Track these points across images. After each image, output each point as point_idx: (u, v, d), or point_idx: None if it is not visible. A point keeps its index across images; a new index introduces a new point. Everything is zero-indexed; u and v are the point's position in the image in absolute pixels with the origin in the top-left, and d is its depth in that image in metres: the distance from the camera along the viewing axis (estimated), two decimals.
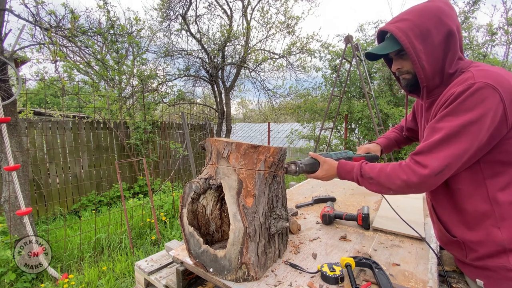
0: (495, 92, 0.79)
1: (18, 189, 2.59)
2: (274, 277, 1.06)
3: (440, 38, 0.91)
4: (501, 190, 0.87)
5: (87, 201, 4.93)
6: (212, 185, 1.12)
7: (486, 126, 0.80)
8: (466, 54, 6.12)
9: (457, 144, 0.83)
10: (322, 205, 1.86)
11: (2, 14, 2.68)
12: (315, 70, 7.91)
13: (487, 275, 0.91)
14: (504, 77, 0.82)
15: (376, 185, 1.01)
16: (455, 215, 0.98)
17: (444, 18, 0.90)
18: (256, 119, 20.64)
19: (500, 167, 0.87)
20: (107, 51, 5.84)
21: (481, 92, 0.80)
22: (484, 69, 0.86)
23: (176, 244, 1.45)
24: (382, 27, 1.02)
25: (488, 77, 0.81)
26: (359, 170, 1.06)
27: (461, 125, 0.82)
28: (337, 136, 7.51)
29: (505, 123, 0.81)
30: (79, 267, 2.91)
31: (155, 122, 6.17)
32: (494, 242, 0.88)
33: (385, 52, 1.00)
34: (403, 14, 0.97)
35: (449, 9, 0.93)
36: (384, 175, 0.98)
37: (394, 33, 0.95)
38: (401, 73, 1.05)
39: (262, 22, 7.99)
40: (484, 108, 0.79)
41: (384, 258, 1.16)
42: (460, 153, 0.83)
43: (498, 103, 0.79)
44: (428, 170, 0.87)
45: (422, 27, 0.91)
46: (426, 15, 0.92)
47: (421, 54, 0.92)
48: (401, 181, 0.92)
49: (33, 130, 4.47)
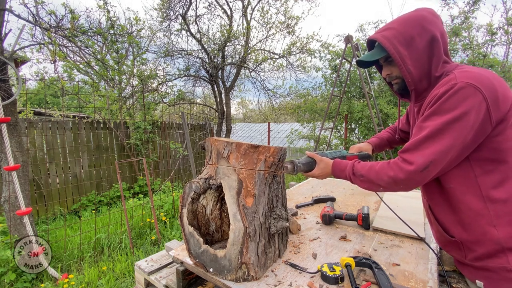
0: (477, 91, 0.82)
1: (18, 189, 2.59)
2: (274, 277, 1.06)
3: (424, 44, 0.97)
4: (493, 188, 0.88)
5: (87, 201, 4.93)
6: (212, 185, 1.12)
7: (469, 123, 0.83)
8: (466, 54, 6.12)
9: (441, 141, 0.86)
10: (322, 205, 1.86)
11: (2, 14, 2.67)
12: (315, 70, 7.90)
13: (487, 276, 0.91)
14: (487, 77, 0.85)
15: (367, 182, 1.05)
16: (451, 215, 0.99)
17: (426, 25, 0.96)
18: (256, 119, 20.64)
19: (490, 165, 0.89)
20: (107, 51, 5.83)
21: (463, 91, 0.84)
22: (467, 70, 0.90)
23: (176, 244, 1.45)
24: (370, 37, 1.09)
25: (470, 78, 0.85)
26: (352, 169, 1.10)
27: (444, 123, 0.86)
28: (337, 136, 7.51)
29: (489, 121, 0.84)
30: (79, 267, 2.91)
31: (155, 122, 6.17)
32: (491, 241, 0.88)
33: (373, 58, 1.07)
34: (389, 24, 1.04)
35: (432, 16, 0.99)
36: (374, 172, 1.02)
37: (379, 41, 1.02)
38: (391, 79, 1.12)
39: (262, 22, 7.99)
40: (466, 107, 0.83)
41: (384, 258, 1.16)
42: (444, 149, 0.86)
43: (480, 102, 0.82)
44: (414, 166, 0.90)
45: (406, 35, 0.98)
46: (409, 23, 0.98)
47: (407, 59, 0.99)
48: (389, 178, 0.96)
49: (33, 130, 4.47)
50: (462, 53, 6.15)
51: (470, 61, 5.58)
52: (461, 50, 6.12)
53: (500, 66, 5.59)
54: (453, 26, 6.36)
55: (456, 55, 6.05)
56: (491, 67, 5.45)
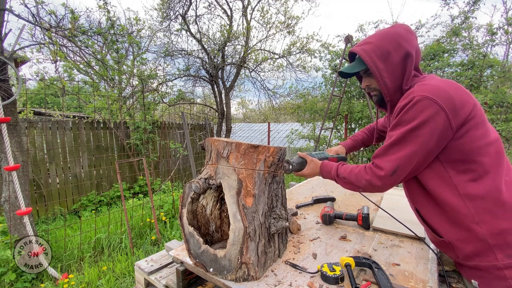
0: (432, 102, 0.90)
1: (18, 189, 2.59)
2: (274, 277, 1.06)
3: (399, 59, 1.05)
4: (469, 186, 0.93)
5: (87, 201, 4.93)
6: (212, 185, 1.12)
7: (428, 131, 0.92)
8: (466, 54, 6.11)
9: (404, 148, 0.96)
10: (322, 205, 1.86)
11: (2, 14, 2.67)
12: (315, 70, 7.89)
13: (480, 275, 0.93)
14: (442, 88, 0.92)
15: (349, 184, 1.15)
16: (436, 216, 1.02)
17: (402, 42, 1.04)
18: (256, 119, 20.64)
19: (462, 165, 0.94)
20: (107, 51, 5.83)
21: (419, 104, 0.92)
22: (425, 83, 0.98)
23: (176, 244, 1.45)
24: (351, 49, 1.17)
25: (426, 91, 0.93)
26: (336, 171, 1.20)
27: (406, 131, 0.95)
28: (337, 136, 7.51)
29: (449, 127, 0.91)
30: (79, 267, 2.91)
31: (155, 122, 6.17)
32: (477, 238, 0.91)
33: (353, 71, 1.15)
34: (368, 38, 1.12)
35: (407, 33, 1.06)
36: (354, 175, 1.12)
37: (359, 54, 1.10)
38: (370, 89, 1.20)
39: (262, 22, 7.99)
40: (423, 117, 0.91)
41: (384, 258, 1.16)
42: (407, 155, 0.96)
43: (436, 111, 0.90)
44: (384, 171, 1.01)
45: (383, 49, 1.06)
46: (387, 38, 1.06)
47: (383, 73, 1.07)
48: (366, 181, 1.06)
49: (33, 130, 4.46)
50: (462, 53, 6.15)
51: (470, 61, 5.57)
52: (461, 50, 6.12)
53: (500, 66, 5.59)
54: (453, 26, 6.36)
55: (456, 55, 6.05)
56: (491, 67, 5.45)
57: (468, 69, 5.51)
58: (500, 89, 5.08)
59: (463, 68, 5.57)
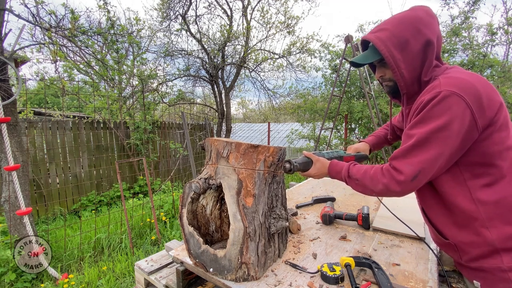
0: (460, 99, 0.82)
1: (18, 189, 2.59)
2: (274, 277, 1.06)
3: (419, 47, 0.94)
4: (483, 190, 0.88)
5: (87, 201, 4.93)
6: (212, 185, 1.12)
7: (454, 132, 0.83)
8: (466, 54, 6.11)
9: (428, 150, 0.87)
10: (322, 205, 1.86)
11: (2, 14, 2.67)
12: (315, 70, 7.90)
13: (483, 276, 0.92)
14: (471, 83, 0.84)
15: (362, 187, 1.05)
16: (444, 217, 0.99)
17: (422, 28, 0.93)
18: (256, 119, 20.63)
19: (480, 169, 0.89)
20: (107, 51, 5.83)
21: (447, 100, 0.83)
22: (452, 76, 0.88)
23: (176, 244, 1.45)
24: (364, 37, 1.05)
25: (454, 85, 0.84)
26: (347, 171, 1.10)
27: (430, 131, 0.86)
28: (337, 136, 7.50)
29: (475, 127, 0.83)
30: (79, 267, 2.91)
31: (155, 122, 6.17)
32: (485, 242, 0.88)
33: (367, 61, 1.03)
34: (384, 24, 1.00)
35: (429, 17, 0.94)
36: (368, 177, 1.01)
37: (374, 42, 0.98)
38: (384, 80, 1.09)
39: (262, 22, 7.99)
40: (450, 115, 0.83)
41: (384, 258, 1.16)
42: (431, 158, 0.87)
43: (464, 110, 0.82)
44: (404, 176, 0.91)
45: (400, 37, 0.94)
46: (404, 24, 0.94)
47: (400, 63, 0.96)
48: (383, 185, 0.96)
49: (33, 130, 4.47)
50: (462, 53, 6.14)
51: (470, 61, 5.57)
52: (461, 50, 6.12)
53: (500, 66, 5.59)
54: (453, 26, 6.35)
55: (456, 55, 6.05)
56: (491, 67, 5.45)
57: (468, 69, 5.50)
58: (500, 89, 5.08)
59: (463, 68, 5.56)
